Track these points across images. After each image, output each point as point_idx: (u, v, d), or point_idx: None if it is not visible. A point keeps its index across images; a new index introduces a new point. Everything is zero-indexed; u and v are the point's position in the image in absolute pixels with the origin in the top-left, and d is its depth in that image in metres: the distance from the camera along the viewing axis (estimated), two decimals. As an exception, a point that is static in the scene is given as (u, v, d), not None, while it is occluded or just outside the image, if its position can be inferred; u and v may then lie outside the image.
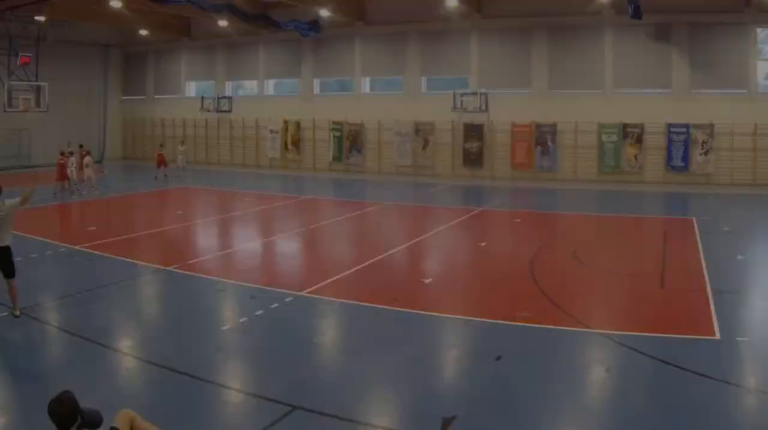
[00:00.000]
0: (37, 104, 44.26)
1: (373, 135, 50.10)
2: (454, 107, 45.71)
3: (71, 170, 36.52)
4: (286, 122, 53.17)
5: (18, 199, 14.49)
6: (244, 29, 52.73)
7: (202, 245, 24.35)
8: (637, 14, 38.65)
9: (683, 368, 11.31)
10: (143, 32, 55.79)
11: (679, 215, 31.55)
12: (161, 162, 44.25)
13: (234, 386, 11.30)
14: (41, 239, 23.45)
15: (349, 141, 50.65)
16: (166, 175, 43.46)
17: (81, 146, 42.45)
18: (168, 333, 14.01)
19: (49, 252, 21.67)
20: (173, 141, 58.16)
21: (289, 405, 10.05)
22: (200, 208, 33.36)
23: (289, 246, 23.92)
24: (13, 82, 43.06)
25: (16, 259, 15.00)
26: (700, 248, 21.67)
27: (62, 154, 36.55)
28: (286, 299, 15.87)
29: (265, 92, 55.78)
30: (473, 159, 46.71)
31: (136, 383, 11.37)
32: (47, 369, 12.03)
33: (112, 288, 17.20)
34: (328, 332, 14.50)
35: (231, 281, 17.86)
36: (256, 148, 55.01)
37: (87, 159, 38.24)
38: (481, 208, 32.42)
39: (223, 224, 28.53)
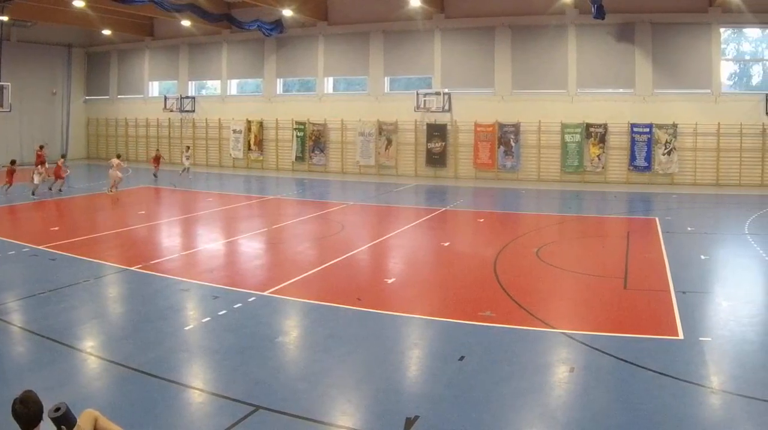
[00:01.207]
0: (0, 104, 42.60)
1: (336, 135, 48.87)
2: (417, 107, 44.44)
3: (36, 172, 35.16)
4: (249, 122, 51.80)
5: None
6: (207, 29, 51.57)
7: (165, 245, 23.68)
8: (600, 14, 37.65)
9: (646, 368, 11.20)
10: (106, 32, 54.05)
11: (642, 215, 30.70)
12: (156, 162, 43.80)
13: (197, 385, 10.96)
14: (4, 239, 22.89)
15: (312, 141, 49.31)
16: (155, 175, 43.03)
17: (41, 147, 41.05)
18: (131, 333, 13.52)
19: (12, 252, 20.97)
20: (136, 141, 57.50)
21: (252, 405, 9.88)
22: (163, 209, 32.59)
23: (252, 246, 23.24)
24: (-24, 82, 41.24)
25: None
26: (664, 248, 21.32)
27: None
28: (249, 299, 15.56)
29: (228, 92, 54.17)
30: (436, 159, 45.56)
31: (99, 383, 11.04)
32: (9, 369, 11.58)
33: (76, 288, 16.73)
34: (291, 332, 14.15)
35: (194, 281, 17.43)
36: (219, 148, 53.64)
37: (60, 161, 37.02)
38: (444, 208, 31.60)
39: (186, 224, 27.85)
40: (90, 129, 61.37)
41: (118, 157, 37.02)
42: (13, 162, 35.28)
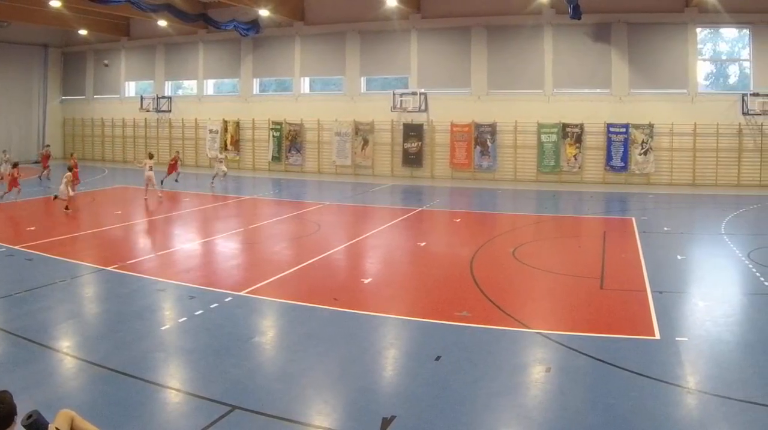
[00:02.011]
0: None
1: (312, 135, 48.03)
2: (394, 107, 43.77)
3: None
4: (225, 122, 50.84)
5: None
6: (184, 29, 50.68)
7: (142, 245, 23.40)
8: (576, 14, 36.97)
9: (623, 368, 11.07)
10: (82, 32, 53.09)
11: (618, 215, 30.27)
12: (173, 167, 39.74)
13: (173, 385, 10.74)
14: (-21, 239, 22.45)
15: (289, 141, 48.42)
16: (177, 180, 39.59)
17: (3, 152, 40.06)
18: (107, 333, 13.26)
19: (-12, 252, 20.54)
20: (113, 141, 56.43)
21: (229, 405, 9.71)
22: (140, 209, 31.52)
23: (228, 246, 22.87)
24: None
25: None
26: (640, 248, 21.07)
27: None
28: (226, 299, 15.31)
29: (205, 92, 53.12)
30: (412, 159, 44.76)
31: (75, 383, 10.82)
32: (-15, 369, 11.27)
33: (52, 288, 16.41)
34: (268, 332, 13.96)
35: (171, 281, 17.19)
36: (195, 148, 52.33)
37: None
38: (420, 208, 30.99)
39: (163, 224, 27.44)
40: (66, 129, 59.89)
41: (150, 157, 34.33)
42: (15, 164, 32.54)
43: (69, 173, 27.73)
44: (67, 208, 27.60)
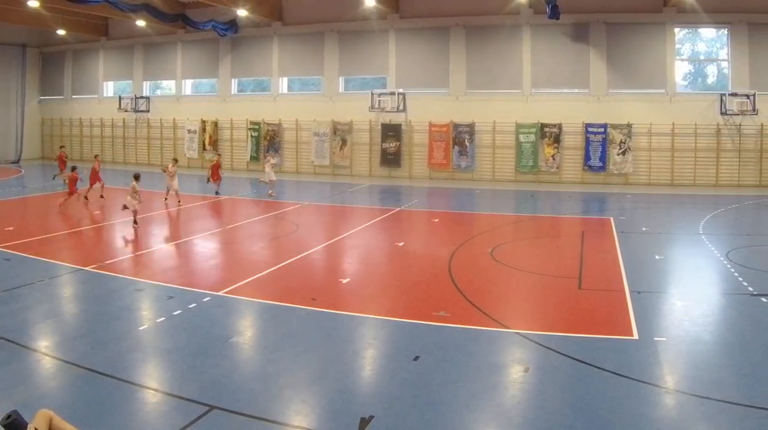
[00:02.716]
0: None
1: (290, 135, 47.28)
2: (372, 107, 43.21)
3: None
4: (203, 122, 49.94)
5: None
6: (162, 29, 49.80)
7: (120, 246, 22.87)
8: (554, 14, 36.53)
9: (601, 368, 11.00)
10: (61, 32, 52.17)
11: (596, 215, 29.86)
12: (215, 173, 35.81)
13: (151, 385, 10.60)
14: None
15: (267, 141, 47.65)
16: (218, 193, 35.22)
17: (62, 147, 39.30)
18: (86, 333, 13.07)
19: (-34, 253, 20.15)
20: (91, 141, 55.41)
21: (207, 405, 9.61)
22: (118, 209, 29.73)
23: (207, 246, 22.53)
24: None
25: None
26: (618, 248, 20.90)
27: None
28: (204, 299, 15.16)
29: (183, 92, 52.06)
30: (391, 159, 44.10)
31: (53, 383, 10.68)
32: (-38, 370, 11.02)
33: (30, 288, 16.20)
34: (246, 332, 13.72)
35: (149, 281, 16.98)
36: (174, 148, 51.18)
37: None
38: (398, 208, 30.47)
39: (141, 224, 26.63)
40: (45, 129, 58.60)
41: (175, 162, 32.66)
42: (73, 169, 30.35)
43: (134, 183, 24.92)
44: (135, 222, 25.01)
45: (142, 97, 52.57)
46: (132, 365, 11.30)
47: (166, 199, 31.49)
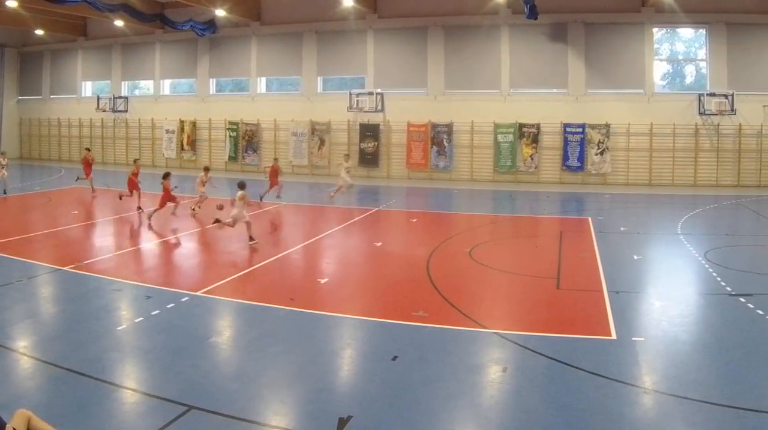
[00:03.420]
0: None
1: (269, 135, 46.34)
2: (350, 107, 42.55)
3: None
4: (182, 122, 48.82)
5: None
6: (140, 29, 48.61)
7: (98, 245, 22.19)
8: (532, 14, 36.17)
9: (579, 368, 10.81)
10: (39, 32, 50.88)
11: (575, 215, 29.48)
12: (274, 177, 32.15)
13: (129, 385, 10.34)
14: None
15: (245, 141, 46.75)
16: (279, 196, 32.22)
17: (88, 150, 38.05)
18: (64, 333, 12.81)
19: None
20: (69, 141, 54.32)
21: (185, 405, 9.40)
22: (96, 209, 30.54)
23: (185, 246, 22.20)
24: None
25: None
26: (597, 248, 20.57)
27: None
28: (182, 299, 14.86)
29: (161, 92, 50.86)
30: (369, 159, 43.33)
31: (31, 383, 10.44)
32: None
33: (8, 288, 15.87)
34: (224, 332, 13.40)
35: (127, 281, 16.53)
36: (152, 148, 50.27)
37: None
38: (376, 208, 29.98)
39: (119, 224, 26.40)
40: (23, 129, 57.20)
41: (207, 170, 29.78)
42: (166, 175, 26.62)
43: (241, 192, 21.21)
44: (252, 238, 21.89)
45: (120, 97, 51.46)
46: (110, 365, 11.06)
47: (193, 209, 28.37)
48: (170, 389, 9.96)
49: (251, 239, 20.92)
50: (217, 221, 21.25)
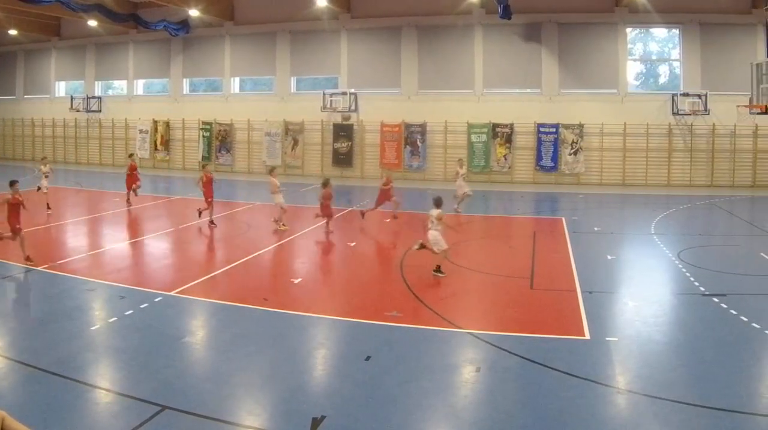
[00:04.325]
0: None
1: (242, 135, 45.03)
2: (324, 107, 41.28)
3: None
4: (155, 122, 47.43)
5: None
6: (114, 29, 47.14)
7: (72, 245, 21.89)
8: (506, 14, 35.29)
9: (553, 368, 10.70)
10: (13, 32, 49.37)
11: (548, 215, 28.97)
12: (386, 195, 26.18)
13: (103, 385, 10.20)
14: None
15: (219, 141, 45.30)
16: (395, 217, 26.66)
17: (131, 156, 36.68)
18: (37, 333, 12.61)
19: None
20: (43, 141, 52.62)
21: (159, 405, 9.25)
22: (70, 209, 29.88)
23: (159, 246, 21.65)
24: None
25: None
26: (570, 248, 20.35)
27: None
28: (156, 299, 14.69)
29: (135, 92, 49.30)
30: (342, 159, 42.12)
31: (5, 383, 10.28)
32: None
33: None
34: (198, 332, 13.27)
35: (101, 281, 16.31)
36: (125, 148, 48.14)
37: None
38: (350, 208, 29.48)
39: (93, 224, 25.95)
40: (-4, 129, 55.68)
41: (272, 171, 25.30)
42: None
43: (438, 211, 17.72)
44: (283, 224, 22.29)
45: (93, 97, 49.83)
46: (84, 365, 10.92)
47: (277, 221, 24.70)
48: (144, 389, 9.81)
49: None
50: (422, 246, 17.56)
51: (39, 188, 28.56)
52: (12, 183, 18.62)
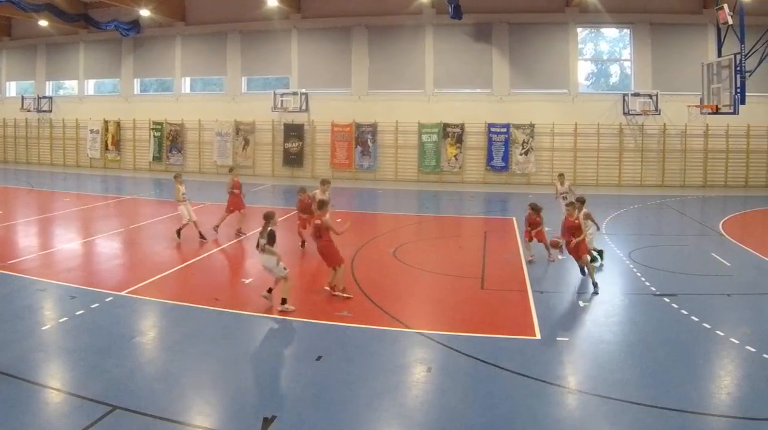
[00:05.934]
0: None
1: (193, 135, 42.25)
2: (275, 107, 38.84)
3: None
4: (106, 122, 44.26)
5: None
6: (65, 29, 44.14)
7: (22, 245, 20.98)
8: (457, 14, 33.58)
9: (504, 368, 10.38)
10: (-37, 32, 45.49)
11: (499, 215, 27.87)
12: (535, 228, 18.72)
13: (54, 385, 9.75)
14: None
15: (170, 141, 42.44)
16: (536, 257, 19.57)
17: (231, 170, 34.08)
18: None
19: None
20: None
21: (109, 405, 8.90)
22: (20, 209, 28.68)
23: (109, 246, 20.76)
24: None
25: None
26: (521, 248, 19.47)
27: None
28: (107, 299, 14.20)
29: (86, 92, 45.97)
30: (293, 159, 39.63)
31: None
32: None
33: None
34: (149, 332, 12.72)
35: (51, 281, 15.78)
36: (76, 148, 45.53)
37: None
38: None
39: (43, 224, 24.90)
40: (-53, 130, 52.60)
41: (324, 183, 20.65)
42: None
43: (585, 210, 16.68)
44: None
45: (44, 97, 46.41)
46: (34, 365, 10.60)
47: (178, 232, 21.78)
48: (94, 389, 9.50)
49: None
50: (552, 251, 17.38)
51: None
52: None
